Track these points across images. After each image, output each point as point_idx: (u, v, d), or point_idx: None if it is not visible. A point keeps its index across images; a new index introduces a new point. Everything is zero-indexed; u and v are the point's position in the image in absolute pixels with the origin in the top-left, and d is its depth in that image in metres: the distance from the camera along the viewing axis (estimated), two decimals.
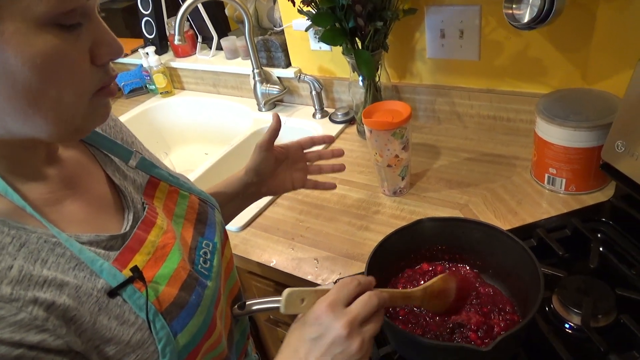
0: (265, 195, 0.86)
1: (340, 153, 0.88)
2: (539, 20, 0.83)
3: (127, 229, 0.54)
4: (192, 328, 0.52)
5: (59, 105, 0.43)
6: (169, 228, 0.58)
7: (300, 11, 1.08)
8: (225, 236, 0.70)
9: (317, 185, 0.90)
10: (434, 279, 0.65)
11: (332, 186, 0.91)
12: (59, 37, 0.41)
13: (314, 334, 0.51)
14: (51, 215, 0.49)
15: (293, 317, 1.05)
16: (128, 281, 0.48)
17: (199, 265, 0.59)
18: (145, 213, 0.57)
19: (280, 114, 1.45)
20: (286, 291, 0.49)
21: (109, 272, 0.47)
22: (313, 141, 0.87)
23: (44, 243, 0.45)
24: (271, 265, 0.93)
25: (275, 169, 0.84)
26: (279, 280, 0.96)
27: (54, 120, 0.44)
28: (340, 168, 0.90)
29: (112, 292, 0.47)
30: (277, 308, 0.70)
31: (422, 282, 0.73)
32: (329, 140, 0.88)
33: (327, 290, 0.52)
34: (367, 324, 0.52)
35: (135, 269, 0.49)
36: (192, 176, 1.23)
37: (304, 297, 0.51)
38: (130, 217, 0.55)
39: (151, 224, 0.56)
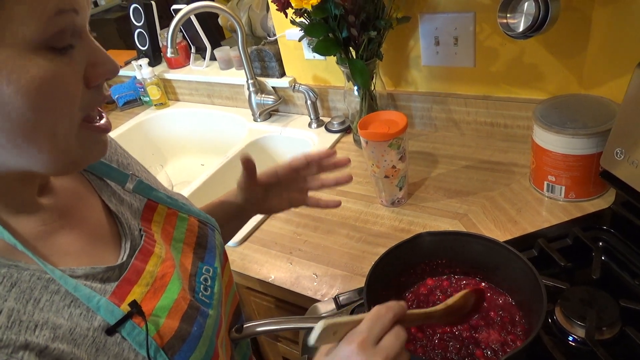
0: (263, 214, 0.84)
1: (344, 162, 0.78)
2: (534, 28, 0.82)
3: (124, 258, 0.52)
4: None
5: (53, 134, 0.41)
6: (167, 256, 0.56)
7: (293, 22, 1.07)
8: (225, 258, 0.69)
9: (319, 204, 0.82)
10: (456, 297, 0.61)
11: (336, 204, 0.82)
12: (52, 61, 0.39)
13: None
14: (44, 249, 0.47)
15: (295, 332, 1.03)
16: (126, 317, 0.46)
17: (200, 294, 0.57)
18: (142, 241, 0.55)
19: (275, 124, 1.46)
20: (321, 323, 0.45)
21: (107, 308, 0.46)
22: (307, 161, 0.78)
23: (37, 280, 0.44)
24: (269, 280, 0.91)
25: (266, 195, 0.80)
26: (277, 296, 0.95)
27: (50, 151, 0.42)
28: (346, 180, 0.79)
29: (110, 330, 0.45)
30: (276, 330, 0.69)
31: (430, 300, 0.72)
32: (326, 155, 0.78)
33: (359, 321, 0.49)
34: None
35: (133, 304, 0.47)
36: (188, 189, 1.22)
37: (336, 329, 0.48)
38: (128, 246, 0.54)
39: (149, 253, 0.54)
